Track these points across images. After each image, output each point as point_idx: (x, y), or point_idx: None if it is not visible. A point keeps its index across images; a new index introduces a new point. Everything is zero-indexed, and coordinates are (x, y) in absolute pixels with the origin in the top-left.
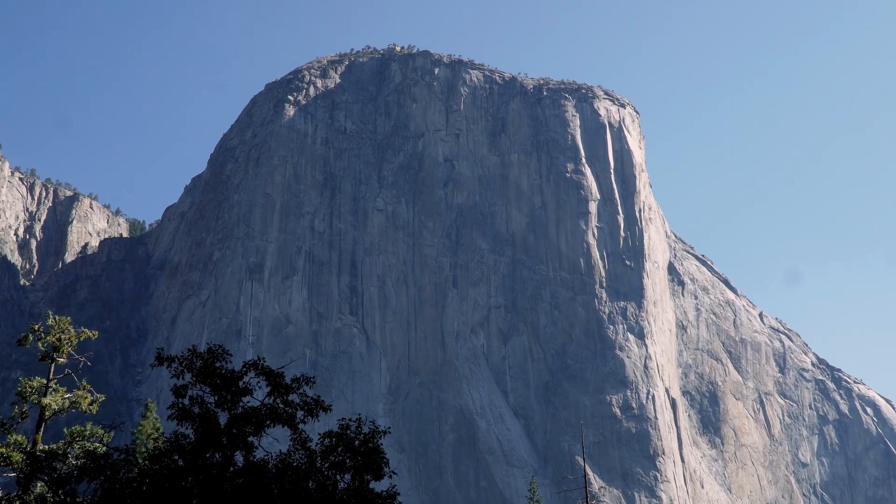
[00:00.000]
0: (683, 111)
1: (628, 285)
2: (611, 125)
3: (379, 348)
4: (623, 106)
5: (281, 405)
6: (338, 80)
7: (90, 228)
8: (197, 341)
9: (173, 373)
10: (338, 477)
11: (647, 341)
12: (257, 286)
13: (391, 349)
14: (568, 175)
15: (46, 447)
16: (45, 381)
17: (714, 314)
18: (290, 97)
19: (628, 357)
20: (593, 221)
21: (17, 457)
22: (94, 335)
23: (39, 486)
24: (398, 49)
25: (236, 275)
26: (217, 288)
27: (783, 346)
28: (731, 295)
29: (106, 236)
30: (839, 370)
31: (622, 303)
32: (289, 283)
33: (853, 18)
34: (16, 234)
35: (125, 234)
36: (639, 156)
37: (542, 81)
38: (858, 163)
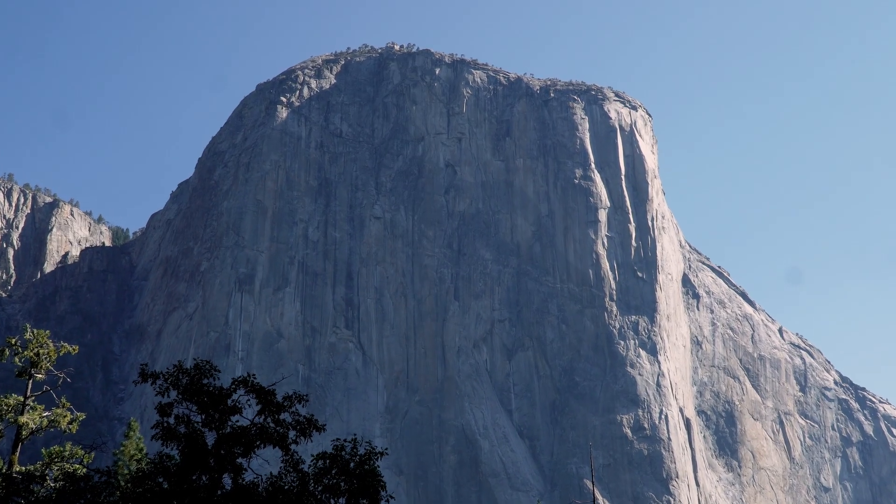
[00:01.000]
0: (699, 114)
1: (640, 298)
2: (622, 128)
3: (376, 364)
4: (635, 108)
5: (272, 424)
6: (333, 81)
7: (71, 237)
8: (183, 356)
9: (158, 390)
10: (332, 501)
11: (660, 358)
12: (247, 298)
13: (389, 365)
14: (576, 181)
15: (23, 468)
16: (21, 399)
17: (731, 329)
18: (283, 98)
19: (640, 374)
20: (603, 230)
21: None
22: (74, 350)
23: None
24: (397, 48)
25: (225, 286)
26: (205, 300)
27: (804, 363)
28: (748, 309)
29: (87, 245)
30: (864, 389)
31: (633, 317)
32: (281, 295)
33: (869, 20)
34: None
35: (108, 243)
36: (651, 161)
37: (549, 82)
38: (886, 171)
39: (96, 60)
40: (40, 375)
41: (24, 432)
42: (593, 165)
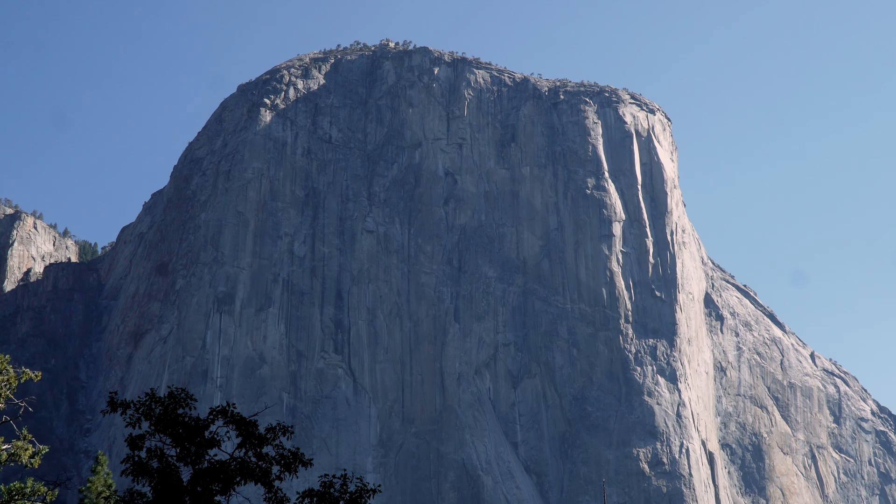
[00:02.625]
0: (722, 118)
1: (658, 320)
2: (638, 134)
3: (368, 392)
4: (652, 112)
5: (253, 459)
6: (322, 81)
7: (33, 252)
8: (156, 384)
9: (128, 420)
10: None
11: (681, 385)
12: (227, 319)
13: (382, 394)
14: (588, 191)
15: None
16: None
17: (758, 354)
18: (267, 101)
19: (658, 404)
20: (617, 245)
21: None
22: (36, 376)
23: None
24: (392, 45)
25: (202, 306)
26: (180, 321)
27: (838, 391)
28: (777, 332)
29: (52, 261)
30: None
31: (651, 340)
32: (263, 316)
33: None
34: None
35: (74, 259)
36: (670, 170)
37: (558, 83)
38: None
39: (62, 61)
40: None
41: None
42: (607, 174)
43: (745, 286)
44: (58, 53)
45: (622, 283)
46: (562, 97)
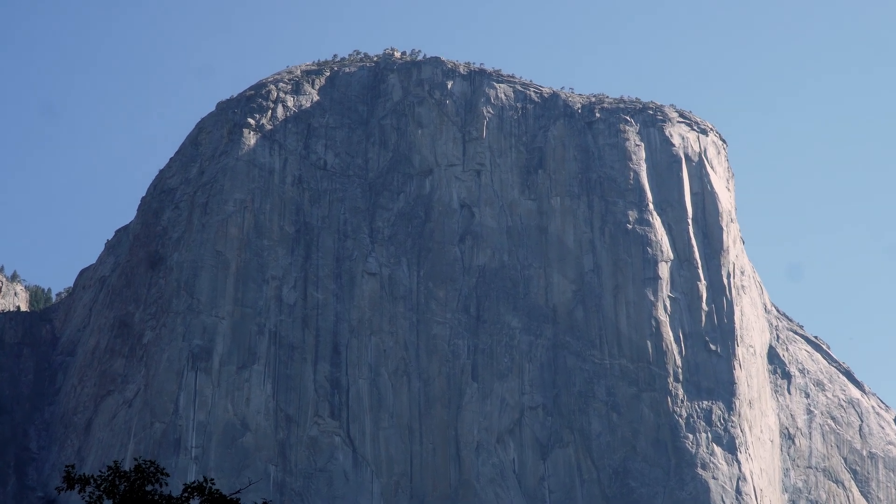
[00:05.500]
0: (789, 140)
1: (713, 379)
2: (688, 158)
3: (370, 465)
4: (705, 132)
5: None
6: (315, 98)
7: None
8: (120, 455)
9: (88, 499)
10: None
11: (741, 456)
12: (203, 379)
13: (387, 466)
14: (629, 226)
15: None
16: None
17: (832, 419)
18: (251, 120)
19: (714, 478)
20: (665, 290)
21: None
22: None
23: None
24: (398, 55)
25: (174, 363)
26: (148, 381)
27: None
28: (855, 392)
29: None
30: None
31: (705, 403)
32: (247, 374)
33: None
34: None
35: (24, 308)
36: (726, 200)
37: (593, 99)
38: None
39: (10, 80)
40: None
41: None
42: (651, 206)
43: (816, 338)
44: (4, 72)
45: (670, 334)
46: (598, 115)
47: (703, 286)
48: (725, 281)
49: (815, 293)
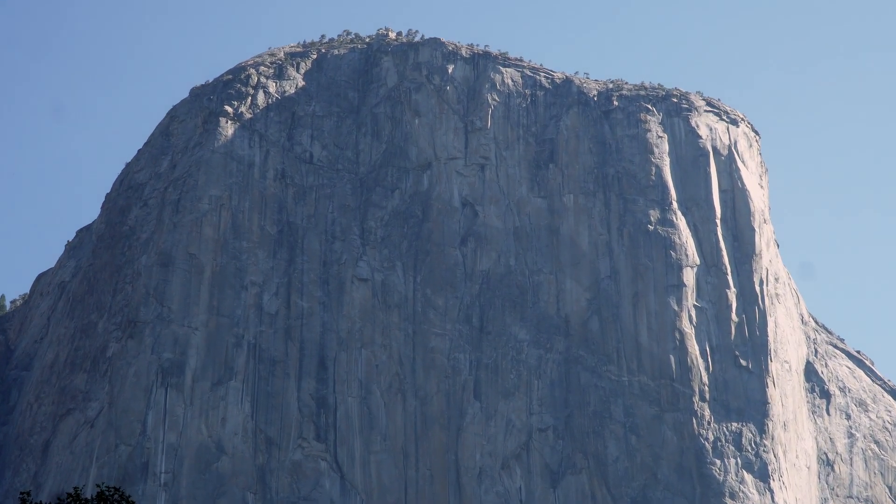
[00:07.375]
0: (828, 133)
1: (744, 398)
2: (717, 152)
3: (360, 493)
4: (735, 123)
5: None
6: (300, 83)
7: None
8: (81, 480)
9: None
10: None
11: (774, 484)
12: (174, 396)
13: (378, 495)
14: (651, 227)
15: None
16: None
17: (876, 443)
18: (228, 108)
19: None
20: (690, 298)
21: None
22: None
23: None
24: (392, 36)
25: (142, 379)
26: (113, 399)
27: None
28: None
29: None
30: None
31: (735, 425)
32: (222, 391)
33: None
34: None
35: None
36: (759, 199)
37: (611, 85)
38: None
39: None
40: None
41: None
42: (675, 204)
43: (858, 353)
44: None
45: (696, 348)
46: (616, 103)
47: (732, 294)
48: (758, 289)
49: (857, 303)
